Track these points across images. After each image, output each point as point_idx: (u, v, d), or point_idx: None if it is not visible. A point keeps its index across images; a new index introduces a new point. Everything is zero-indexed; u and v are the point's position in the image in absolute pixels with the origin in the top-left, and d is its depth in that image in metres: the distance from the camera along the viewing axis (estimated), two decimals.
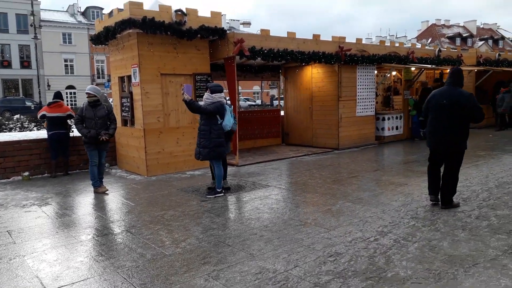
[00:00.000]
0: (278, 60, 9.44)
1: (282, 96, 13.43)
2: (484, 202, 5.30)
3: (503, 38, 70.69)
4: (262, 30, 9.33)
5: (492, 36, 68.98)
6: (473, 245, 3.83)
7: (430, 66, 12.40)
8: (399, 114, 12.44)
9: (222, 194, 6.35)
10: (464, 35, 67.36)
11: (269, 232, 4.55)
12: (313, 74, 11.52)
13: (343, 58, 10.55)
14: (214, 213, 5.45)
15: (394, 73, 12.89)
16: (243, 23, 62.59)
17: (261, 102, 42.33)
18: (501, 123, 14.06)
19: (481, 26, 72.85)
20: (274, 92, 53.70)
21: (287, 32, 9.81)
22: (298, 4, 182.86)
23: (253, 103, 40.81)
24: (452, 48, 15.58)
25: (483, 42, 64.32)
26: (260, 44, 8.99)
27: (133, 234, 4.69)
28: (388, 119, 12.07)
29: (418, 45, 13.63)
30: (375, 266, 3.51)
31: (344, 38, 11.00)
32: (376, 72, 11.72)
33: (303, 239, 4.27)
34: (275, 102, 42.68)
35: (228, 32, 8.91)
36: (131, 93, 8.57)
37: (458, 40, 65.37)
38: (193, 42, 8.56)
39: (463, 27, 71.25)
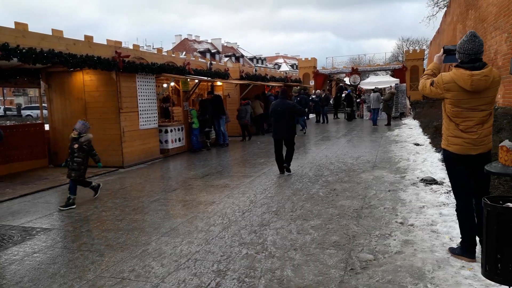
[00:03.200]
0: (43, 62, 7.47)
1: (45, 105, 10.98)
2: (294, 213, 5.46)
3: (242, 56, 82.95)
4: (17, 23, 7.14)
5: (234, 54, 79.78)
6: (314, 268, 3.71)
7: (206, 78, 12.73)
8: (181, 126, 12.24)
9: None
10: (212, 51, 75.11)
11: None
12: (86, 81, 9.84)
13: (121, 65, 9.42)
14: None
15: (172, 84, 12.61)
16: None
17: (4, 112, 34.59)
18: (243, 133, 14.57)
19: (225, 44, 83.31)
20: (20, 100, 45.31)
21: (52, 29, 7.95)
22: (35, 5, 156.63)
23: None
24: (220, 63, 16.68)
25: (228, 58, 73.31)
26: (15, 41, 6.88)
27: None
28: (171, 131, 11.68)
29: (193, 58, 13.86)
30: None
31: (121, 43, 9.91)
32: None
33: None
34: (24, 112, 35.86)
35: None
36: None
37: (208, 55, 72.23)
38: None
39: (211, 43, 79.59)
